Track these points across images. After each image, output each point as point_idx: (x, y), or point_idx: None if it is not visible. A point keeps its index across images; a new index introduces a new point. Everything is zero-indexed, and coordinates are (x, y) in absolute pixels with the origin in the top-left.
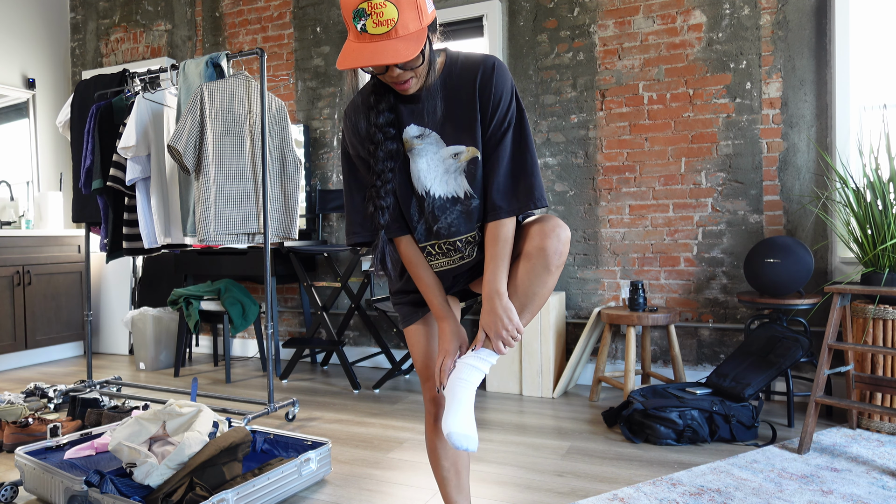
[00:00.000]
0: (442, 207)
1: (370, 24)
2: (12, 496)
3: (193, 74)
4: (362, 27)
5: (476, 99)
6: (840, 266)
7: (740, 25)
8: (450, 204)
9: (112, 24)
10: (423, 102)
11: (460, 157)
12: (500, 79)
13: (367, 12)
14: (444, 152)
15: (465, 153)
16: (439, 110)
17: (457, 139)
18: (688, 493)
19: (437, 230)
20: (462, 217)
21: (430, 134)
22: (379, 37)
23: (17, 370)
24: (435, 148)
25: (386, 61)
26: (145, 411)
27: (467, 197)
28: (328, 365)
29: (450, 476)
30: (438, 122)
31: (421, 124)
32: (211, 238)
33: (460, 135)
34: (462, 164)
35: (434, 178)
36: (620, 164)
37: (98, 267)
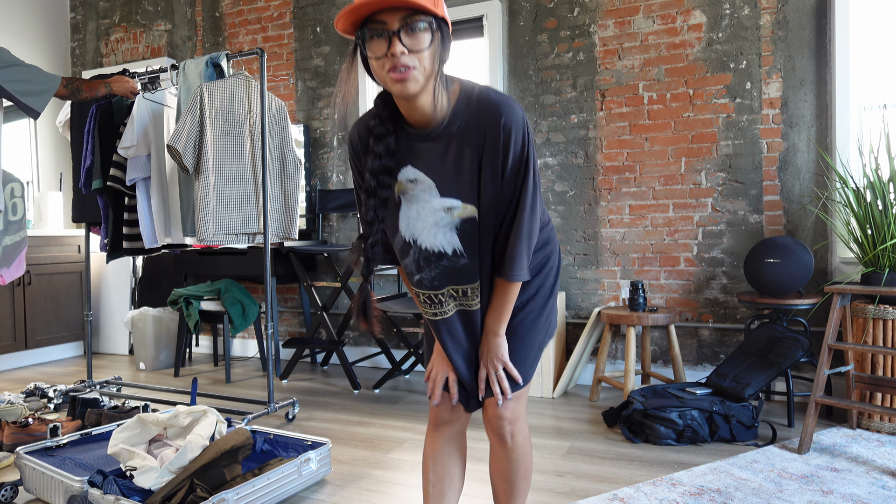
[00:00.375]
0: (427, 259)
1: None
2: (12, 496)
3: (193, 74)
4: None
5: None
6: (840, 266)
7: (740, 25)
8: (435, 258)
9: (112, 24)
10: (429, 142)
11: (453, 213)
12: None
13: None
14: (436, 203)
15: (459, 209)
16: (443, 154)
17: (453, 192)
18: (688, 493)
19: (420, 280)
20: (446, 273)
21: (425, 180)
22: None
23: (17, 370)
24: (427, 196)
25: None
26: (148, 414)
27: (455, 255)
28: (328, 365)
29: (433, 492)
30: (438, 167)
31: (418, 167)
32: (210, 238)
33: (459, 187)
34: (455, 221)
35: (423, 228)
36: (620, 164)
37: (98, 267)
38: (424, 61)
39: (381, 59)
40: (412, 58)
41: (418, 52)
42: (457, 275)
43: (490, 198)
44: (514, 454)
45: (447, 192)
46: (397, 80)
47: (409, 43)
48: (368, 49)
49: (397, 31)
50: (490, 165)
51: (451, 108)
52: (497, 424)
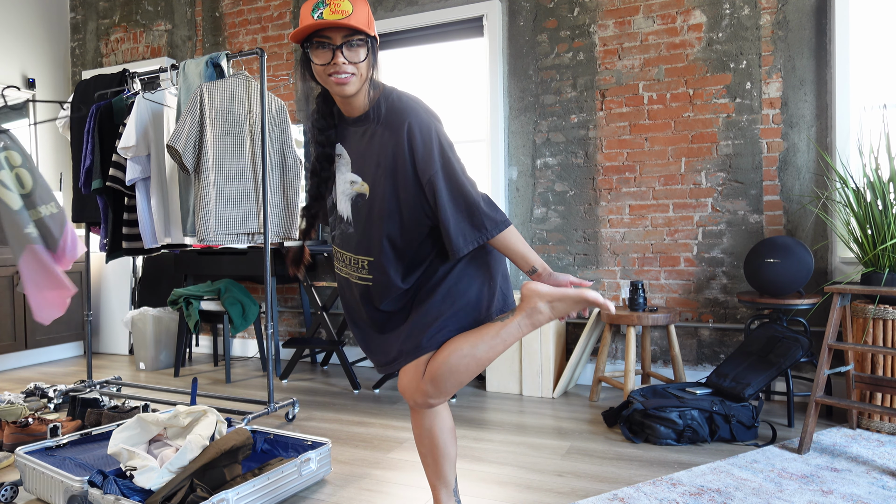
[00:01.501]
0: (338, 219)
1: (327, 12)
2: (12, 496)
3: (193, 74)
4: (319, 15)
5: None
6: (840, 266)
7: (740, 25)
8: (342, 221)
9: (112, 24)
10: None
11: (353, 187)
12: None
13: (325, 2)
14: (347, 175)
15: (358, 184)
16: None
17: (358, 169)
18: (688, 493)
19: (333, 236)
20: (342, 236)
21: (345, 156)
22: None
23: (17, 370)
24: (345, 169)
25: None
26: (148, 414)
27: (347, 222)
28: (328, 365)
29: (427, 461)
30: (354, 148)
31: (343, 145)
32: (210, 238)
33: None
34: (352, 192)
35: (339, 193)
36: (620, 164)
37: (98, 267)
38: (361, 69)
39: (325, 65)
40: (351, 66)
41: (356, 63)
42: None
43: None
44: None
45: (355, 169)
46: (338, 83)
47: (348, 55)
48: (314, 56)
49: (340, 45)
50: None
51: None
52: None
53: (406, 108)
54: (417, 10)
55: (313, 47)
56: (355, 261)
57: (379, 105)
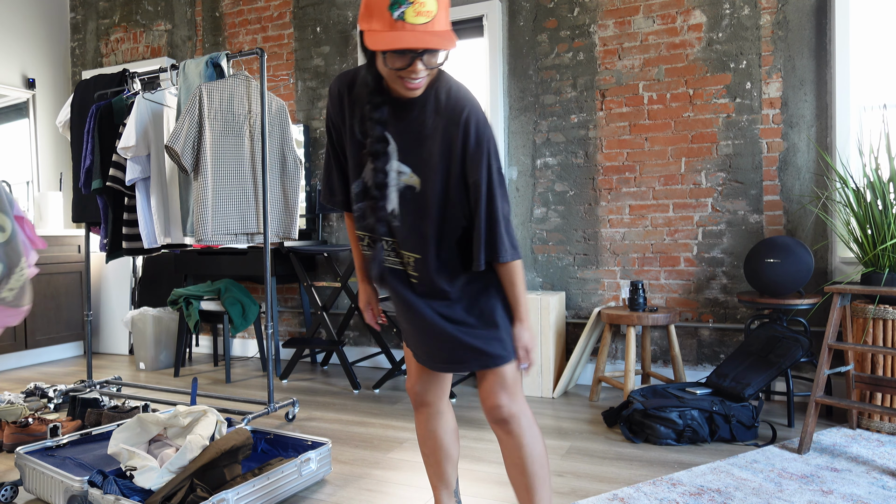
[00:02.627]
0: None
1: (410, 13)
2: (12, 496)
3: (193, 74)
4: (400, 15)
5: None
6: (840, 266)
7: (740, 25)
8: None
9: (112, 24)
10: (402, 111)
11: (402, 178)
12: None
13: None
14: (393, 164)
15: (406, 176)
16: (410, 126)
17: (407, 160)
18: (688, 493)
19: (367, 224)
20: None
21: (391, 142)
22: (419, 26)
23: (17, 370)
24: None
25: (435, 46)
26: (148, 414)
27: (393, 215)
28: (328, 365)
29: (429, 462)
30: (402, 136)
31: (388, 130)
32: (208, 238)
33: (412, 158)
34: (400, 183)
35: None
36: (620, 164)
37: (98, 267)
38: (434, 72)
39: (398, 69)
40: (427, 72)
41: (432, 69)
42: (390, 231)
43: (434, 174)
44: (523, 440)
45: (404, 158)
46: (409, 88)
47: (427, 61)
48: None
49: (421, 53)
50: (445, 148)
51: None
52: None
53: (466, 100)
54: None
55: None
56: (402, 255)
57: (438, 92)
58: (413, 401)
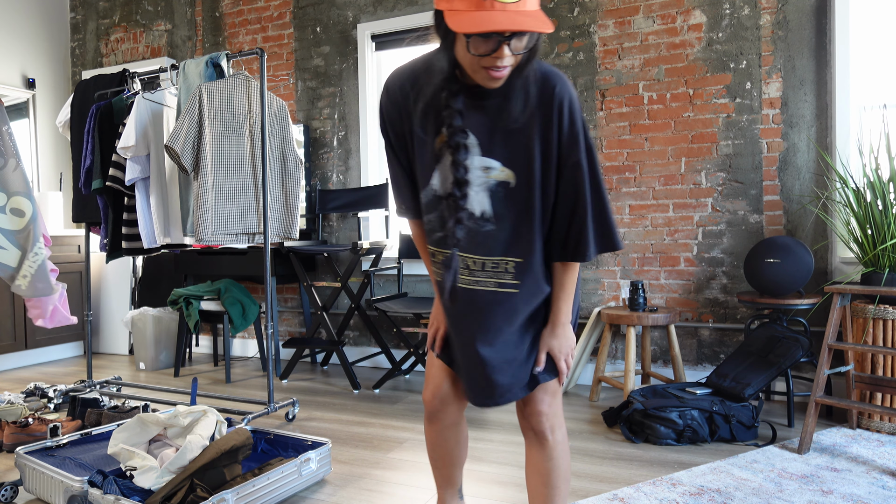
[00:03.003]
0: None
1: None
2: (12, 496)
3: (193, 74)
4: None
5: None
6: (840, 266)
7: (740, 25)
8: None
9: (112, 24)
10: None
11: (490, 174)
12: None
13: None
14: (475, 161)
15: (496, 171)
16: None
17: (495, 153)
18: (688, 493)
19: (443, 238)
20: (468, 235)
21: (469, 136)
22: (511, 5)
23: (17, 370)
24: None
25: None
26: (148, 414)
27: (483, 218)
28: (328, 365)
29: (437, 465)
30: (485, 126)
31: (465, 123)
32: (208, 238)
33: (501, 149)
34: (489, 182)
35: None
36: (620, 164)
37: (98, 267)
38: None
39: (482, 56)
40: (511, 59)
41: (518, 54)
42: (480, 241)
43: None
44: (554, 452)
45: (489, 152)
46: (492, 77)
47: (514, 46)
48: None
49: (509, 37)
50: (540, 134)
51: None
52: (537, 421)
53: (555, 77)
54: (417, 10)
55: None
56: (494, 264)
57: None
58: (428, 411)
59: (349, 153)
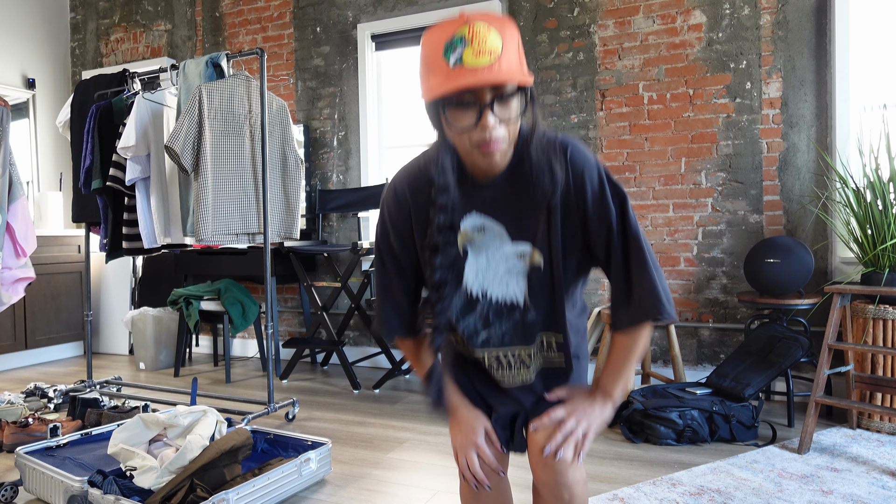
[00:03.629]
0: (498, 312)
1: (469, 54)
2: (12, 496)
3: (193, 74)
4: (458, 59)
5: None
6: (840, 266)
7: (740, 25)
8: (507, 310)
9: (112, 24)
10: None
11: (525, 259)
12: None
13: (466, 39)
14: (508, 249)
15: (529, 255)
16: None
17: (525, 234)
18: (688, 493)
19: (488, 339)
20: (517, 328)
21: (493, 226)
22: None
23: (17, 370)
24: (498, 243)
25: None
26: (148, 414)
27: (525, 307)
28: (328, 365)
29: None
30: (506, 210)
31: (484, 212)
32: (209, 238)
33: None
34: (525, 267)
35: (494, 277)
36: (620, 164)
37: (98, 267)
38: (512, 130)
39: (467, 130)
40: (502, 128)
41: (508, 121)
42: (523, 332)
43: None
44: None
45: (519, 235)
46: (485, 153)
47: (500, 113)
48: (451, 117)
49: (490, 103)
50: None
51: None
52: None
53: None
54: (417, 10)
55: (452, 107)
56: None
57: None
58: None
59: (349, 153)
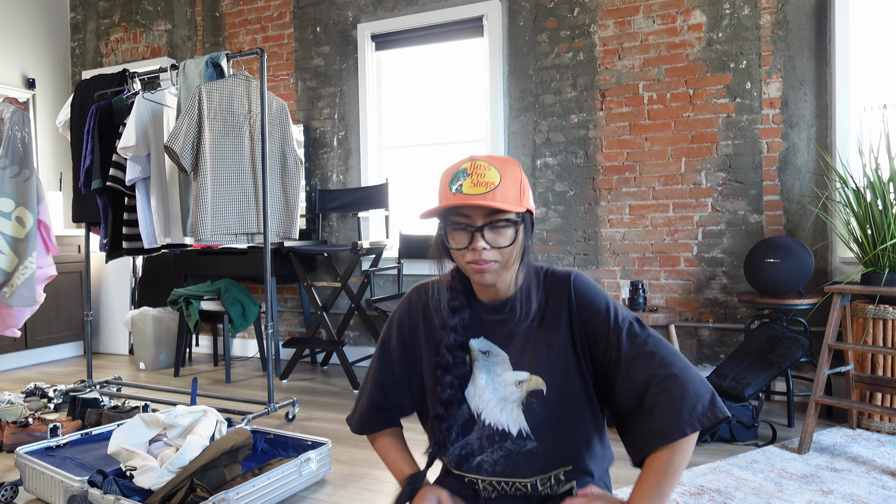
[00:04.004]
0: (490, 438)
1: (467, 184)
2: (12, 496)
3: (193, 74)
4: (457, 188)
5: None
6: (840, 266)
7: (740, 25)
8: (498, 437)
9: (112, 24)
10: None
11: (522, 387)
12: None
13: (467, 172)
14: (507, 377)
15: (526, 382)
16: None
17: (525, 364)
18: (688, 493)
19: (481, 464)
20: (510, 459)
21: (498, 353)
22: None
23: (17, 370)
24: (499, 369)
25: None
26: (148, 414)
27: (520, 436)
28: (328, 365)
29: None
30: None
31: (491, 340)
32: (208, 238)
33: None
34: (521, 396)
35: (488, 400)
36: (620, 164)
37: (98, 267)
38: (505, 255)
39: (461, 249)
40: (493, 252)
41: (500, 248)
42: (523, 463)
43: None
44: None
45: (519, 364)
46: (476, 271)
47: (491, 239)
48: (450, 238)
49: (480, 227)
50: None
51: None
52: None
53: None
54: (417, 10)
55: (450, 227)
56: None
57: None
58: None
59: (349, 153)
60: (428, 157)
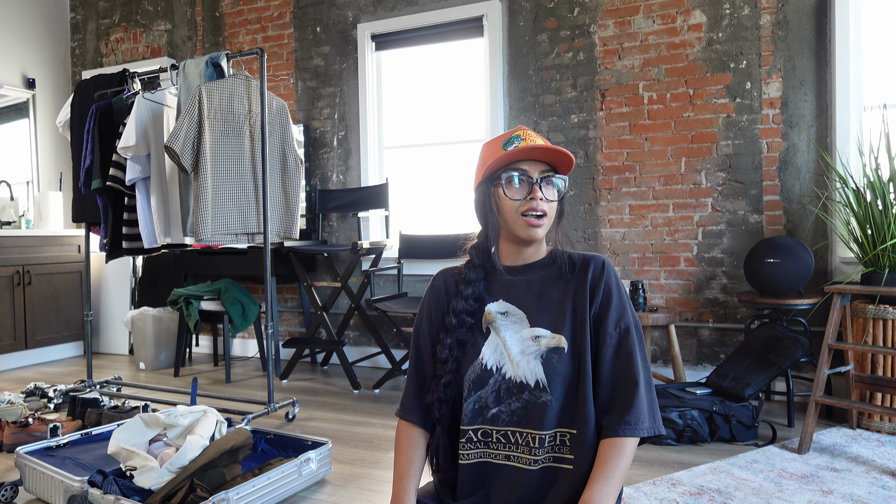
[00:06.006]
0: (509, 390)
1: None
2: (12, 496)
3: (193, 74)
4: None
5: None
6: (840, 266)
7: (740, 25)
8: (517, 389)
9: (112, 23)
10: (520, 276)
11: (540, 342)
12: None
13: (521, 137)
14: (525, 332)
15: (546, 338)
16: (534, 288)
17: (543, 321)
18: (688, 493)
19: (497, 415)
20: (526, 409)
21: (516, 312)
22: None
23: (17, 370)
24: (518, 327)
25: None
26: (148, 414)
27: (538, 387)
28: (328, 365)
29: None
30: (528, 300)
31: (510, 301)
32: (208, 238)
33: (549, 318)
34: (541, 349)
35: (510, 355)
36: (620, 164)
37: (98, 267)
38: (552, 212)
39: (518, 200)
40: (546, 205)
41: (551, 202)
42: (538, 414)
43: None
44: None
45: (536, 321)
46: (531, 224)
47: (545, 192)
48: (507, 190)
49: (538, 180)
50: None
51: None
52: None
53: (592, 255)
54: (417, 10)
55: (506, 180)
56: (545, 439)
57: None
58: None
59: (349, 153)
60: (428, 157)
